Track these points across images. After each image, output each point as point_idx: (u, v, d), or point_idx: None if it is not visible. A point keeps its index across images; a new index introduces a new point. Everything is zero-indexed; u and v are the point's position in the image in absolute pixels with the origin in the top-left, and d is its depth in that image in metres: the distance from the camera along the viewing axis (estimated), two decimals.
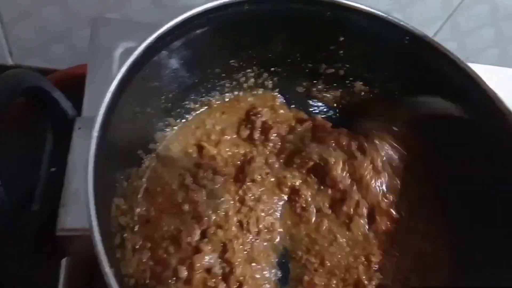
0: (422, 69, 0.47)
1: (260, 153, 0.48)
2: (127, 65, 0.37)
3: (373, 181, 0.47)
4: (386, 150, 0.48)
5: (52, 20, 0.69)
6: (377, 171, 0.47)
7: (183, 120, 0.48)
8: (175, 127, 0.47)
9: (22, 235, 0.31)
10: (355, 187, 0.46)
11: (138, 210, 0.40)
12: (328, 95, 0.54)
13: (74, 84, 0.55)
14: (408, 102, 0.50)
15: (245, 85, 0.52)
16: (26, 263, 0.34)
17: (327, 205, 0.46)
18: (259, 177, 0.46)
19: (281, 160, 0.48)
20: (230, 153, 0.47)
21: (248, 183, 0.45)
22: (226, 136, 0.48)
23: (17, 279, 0.36)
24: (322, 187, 0.47)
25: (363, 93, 0.52)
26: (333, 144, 0.48)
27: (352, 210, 0.46)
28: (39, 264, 0.33)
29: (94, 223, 0.30)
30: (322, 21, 0.46)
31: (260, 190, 0.45)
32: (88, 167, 0.32)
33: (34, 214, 0.34)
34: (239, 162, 0.47)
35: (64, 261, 0.35)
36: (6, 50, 0.78)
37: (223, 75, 0.49)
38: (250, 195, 0.45)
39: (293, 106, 0.53)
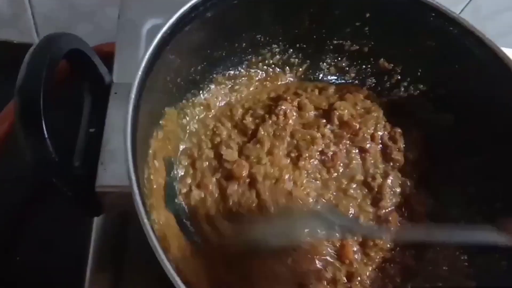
0: (447, 46, 0.48)
1: None
2: (161, 33, 0.38)
3: None
4: None
5: None
6: None
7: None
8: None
9: (65, 188, 0.33)
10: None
11: None
12: (352, 72, 0.54)
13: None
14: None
15: (270, 61, 0.53)
16: (66, 216, 0.35)
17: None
18: None
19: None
20: None
21: None
22: None
23: (56, 228, 0.38)
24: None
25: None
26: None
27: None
28: (79, 217, 0.35)
29: (133, 177, 0.31)
30: None
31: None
32: (126, 126, 0.33)
33: (76, 169, 0.35)
34: None
35: (96, 219, 0.37)
36: (33, 29, 0.79)
37: (249, 49, 0.51)
38: None
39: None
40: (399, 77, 0.53)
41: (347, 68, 0.54)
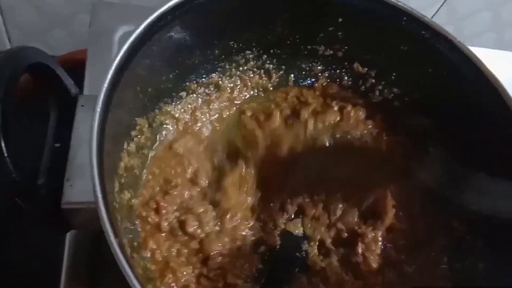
0: (419, 49, 0.48)
1: None
2: (128, 43, 0.37)
3: None
4: None
5: (53, 5, 0.69)
6: None
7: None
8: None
9: (29, 207, 0.32)
10: None
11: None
12: (326, 77, 0.54)
13: (72, 69, 0.56)
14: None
15: (244, 67, 0.52)
16: (32, 235, 0.34)
17: None
18: None
19: None
20: None
21: None
22: None
23: (23, 250, 0.37)
24: None
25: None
26: None
27: None
28: (45, 236, 0.34)
29: (99, 194, 0.30)
30: (321, 2, 0.47)
31: None
32: (92, 141, 0.32)
33: (40, 187, 0.34)
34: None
35: (69, 235, 0.36)
36: (5, 35, 0.78)
37: (222, 56, 0.50)
38: None
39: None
40: (373, 81, 0.53)
41: (322, 73, 0.54)
